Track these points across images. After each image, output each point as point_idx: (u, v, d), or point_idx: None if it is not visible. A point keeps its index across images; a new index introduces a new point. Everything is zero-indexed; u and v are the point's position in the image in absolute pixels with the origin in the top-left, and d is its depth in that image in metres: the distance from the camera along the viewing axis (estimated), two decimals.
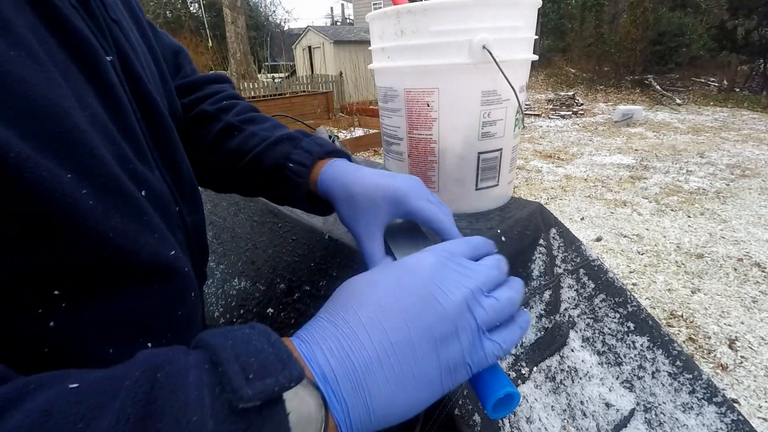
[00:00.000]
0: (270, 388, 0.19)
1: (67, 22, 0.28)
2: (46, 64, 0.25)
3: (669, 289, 2.21)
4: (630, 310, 0.65)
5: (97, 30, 0.32)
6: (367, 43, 0.65)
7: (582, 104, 7.77)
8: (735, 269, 2.37)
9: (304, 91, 7.58)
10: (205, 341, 0.21)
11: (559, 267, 0.65)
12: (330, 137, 0.65)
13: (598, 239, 2.80)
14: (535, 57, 0.61)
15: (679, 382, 0.61)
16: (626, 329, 0.64)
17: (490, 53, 0.52)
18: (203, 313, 0.46)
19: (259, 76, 11.03)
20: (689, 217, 3.11)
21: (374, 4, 17.72)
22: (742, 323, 1.93)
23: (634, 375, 0.60)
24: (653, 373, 0.61)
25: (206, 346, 0.21)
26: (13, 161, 0.21)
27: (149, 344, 0.32)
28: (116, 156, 0.29)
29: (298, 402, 0.20)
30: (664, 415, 0.57)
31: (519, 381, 0.53)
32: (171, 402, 0.17)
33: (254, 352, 0.20)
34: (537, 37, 0.64)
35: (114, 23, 0.35)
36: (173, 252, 0.33)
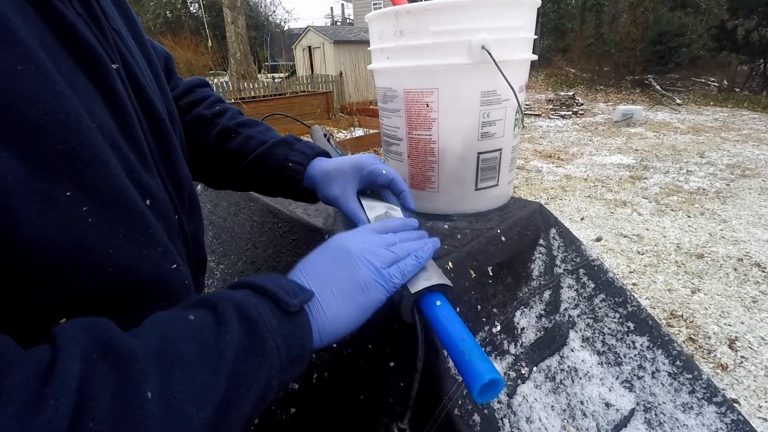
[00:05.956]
0: (302, 300, 0.32)
1: (74, 31, 0.28)
2: (54, 77, 0.25)
3: (669, 289, 2.21)
4: (630, 310, 0.65)
5: (102, 38, 0.32)
6: (367, 43, 0.65)
7: (582, 104, 7.76)
8: (735, 269, 2.37)
9: (304, 91, 7.56)
10: (249, 283, 0.33)
11: (559, 267, 0.65)
12: (325, 135, 0.67)
13: (598, 239, 2.79)
14: (535, 57, 0.61)
15: (679, 382, 0.61)
16: (626, 329, 0.64)
17: (490, 53, 0.52)
18: None
19: (259, 76, 11.02)
20: (689, 217, 3.11)
21: (374, 4, 17.70)
22: (742, 323, 1.92)
23: (634, 375, 0.60)
24: (653, 373, 0.61)
25: (251, 286, 0.32)
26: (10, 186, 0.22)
27: None
28: (123, 166, 0.30)
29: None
30: (664, 415, 0.57)
31: (519, 381, 0.53)
32: (251, 313, 0.29)
33: (285, 284, 0.33)
34: (537, 37, 0.64)
35: (115, 32, 0.35)
36: (174, 265, 0.35)
